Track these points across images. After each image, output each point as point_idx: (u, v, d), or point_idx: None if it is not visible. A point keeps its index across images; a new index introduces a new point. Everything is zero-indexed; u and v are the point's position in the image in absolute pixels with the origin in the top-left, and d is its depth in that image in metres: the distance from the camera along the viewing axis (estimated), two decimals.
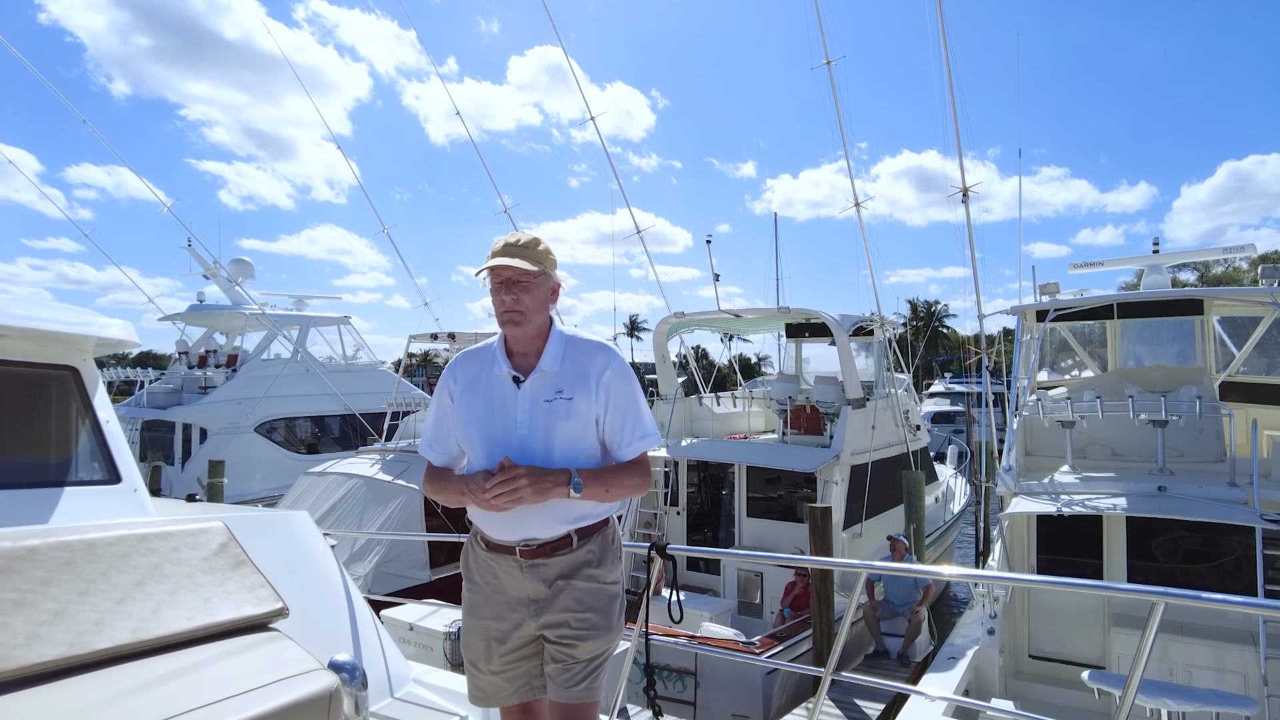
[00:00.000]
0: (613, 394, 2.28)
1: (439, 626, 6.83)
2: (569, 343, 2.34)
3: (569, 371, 2.29)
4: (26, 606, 2.22)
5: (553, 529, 2.27)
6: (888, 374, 12.28)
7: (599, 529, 2.36)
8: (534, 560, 2.27)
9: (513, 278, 2.25)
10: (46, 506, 3.14)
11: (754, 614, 9.88)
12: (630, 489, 2.32)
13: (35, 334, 3.32)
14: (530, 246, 2.30)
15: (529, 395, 2.27)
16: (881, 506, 10.87)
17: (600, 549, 2.34)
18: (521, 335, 2.31)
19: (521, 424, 2.25)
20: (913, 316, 51.67)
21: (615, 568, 2.37)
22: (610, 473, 2.29)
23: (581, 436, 2.27)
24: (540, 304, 2.30)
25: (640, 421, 2.32)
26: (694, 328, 13.08)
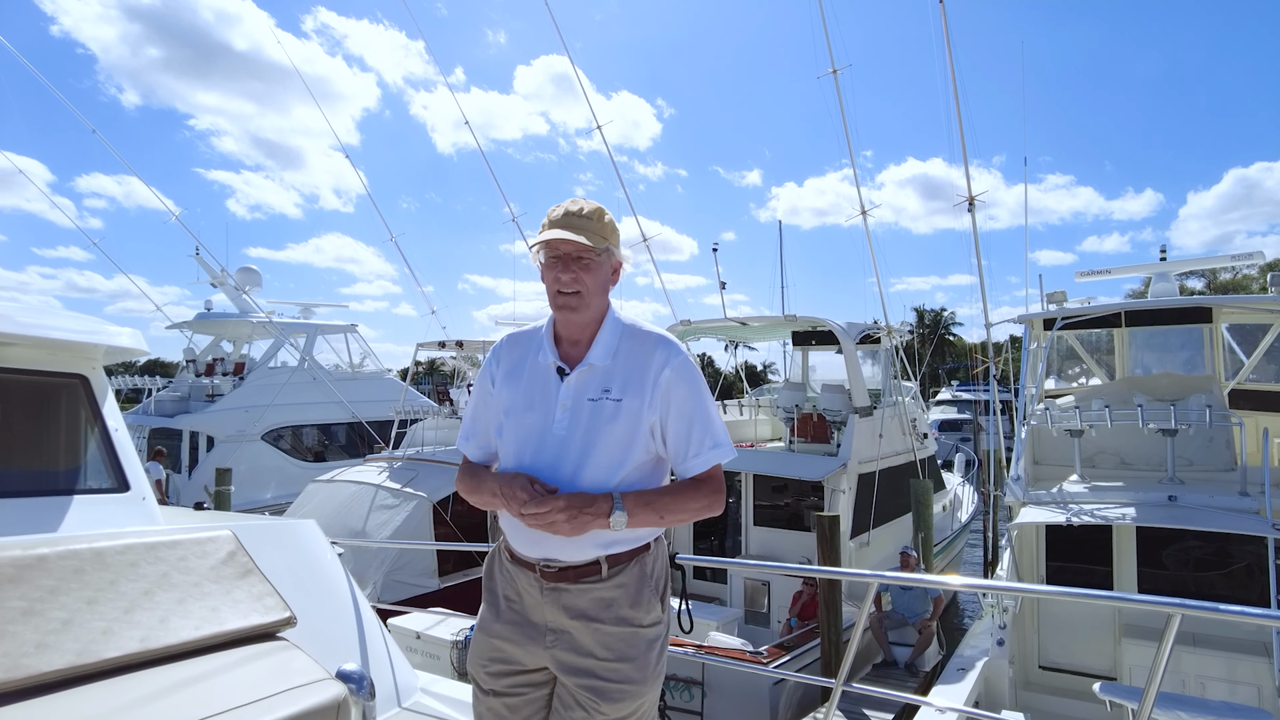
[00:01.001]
0: (674, 397, 1.94)
1: (446, 635, 6.83)
2: (625, 334, 2.00)
3: (621, 368, 1.96)
4: (35, 615, 2.22)
5: (577, 552, 1.94)
6: (895, 382, 12.25)
7: (636, 556, 1.98)
8: (555, 584, 1.96)
9: (573, 253, 1.94)
10: (55, 515, 3.15)
11: (761, 623, 9.84)
12: (696, 512, 1.96)
13: (45, 342, 3.33)
14: (594, 218, 1.98)
15: (572, 391, 1.96)
16: (889, 515, 10.82)
17: (636, 582, 1.97)
18: (577, 321, 1.99)
19: (560, 423, 1.95)
20: (919, 324, 51.58)
21: (654, 605, 1.98)
22: (669, 494, 1.94)
23: (629, 444, 1.92)
24: (601, 286, 1.99)
25: (710, 429, 1.97)
26: (701, 335, 13.08)
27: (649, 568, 2.00)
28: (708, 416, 1.97)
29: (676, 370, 1.95)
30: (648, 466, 1.99)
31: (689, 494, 1.95)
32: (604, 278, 2.00)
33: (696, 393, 1.97)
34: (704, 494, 1.96)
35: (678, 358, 1.97)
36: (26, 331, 3.22)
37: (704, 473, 1.96)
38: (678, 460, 1.98)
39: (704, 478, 1.96)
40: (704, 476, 1.96)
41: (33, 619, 2.20)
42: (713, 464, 1.97)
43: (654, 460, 2.00)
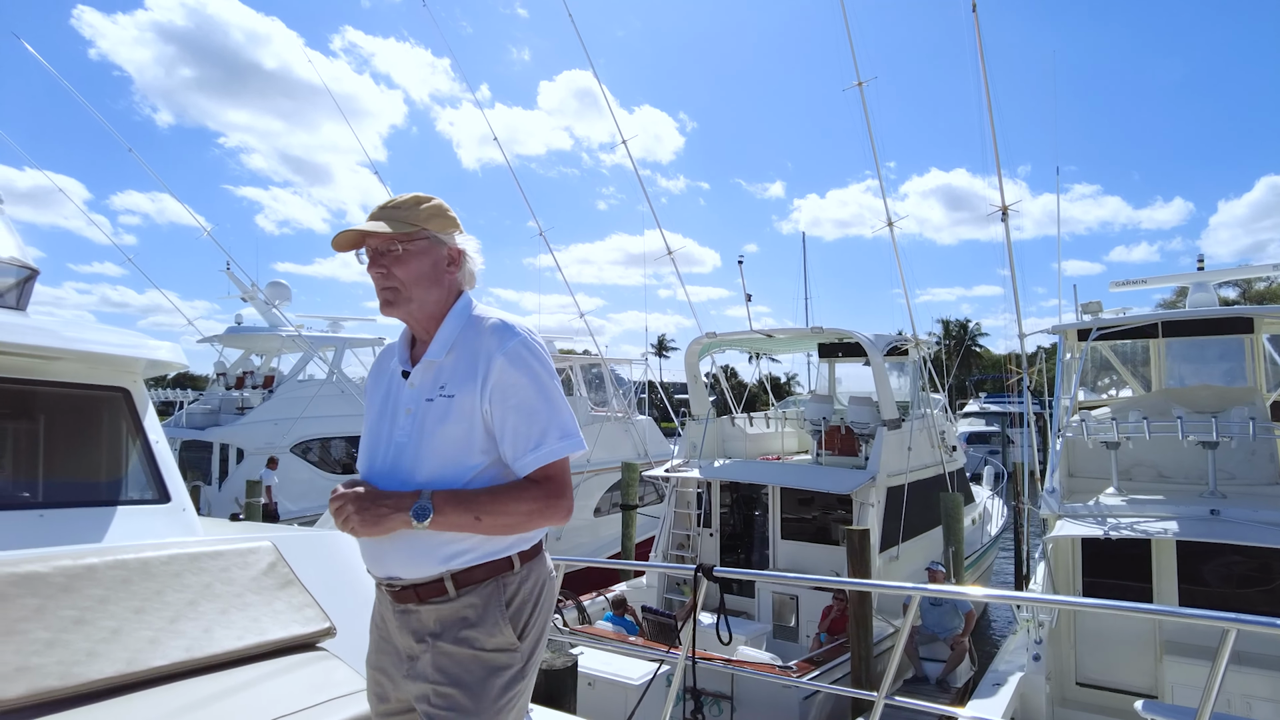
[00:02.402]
0: (502, 387, 1.71)
1: None
2: (468, 325, 1.81)
3: (458, 361, 1.77)
4: (86, 624, 2.25)
5: (416, 567, 1.73)
6: (923, 394, 12.13)
7: (489, 575, 1.75)
8: (404, 605, 1.78)
9: (378, 246, 1.80)
10: (100, 525, 3.19)
11: (789, 638, 9.75)
12: (527, 515, 1.70)
13: (88, 356, 3.39)
14: (406, 205, 1.83)
15: (415, 393, 1.79)
16: (918, 529, 10.69)
17: (484, 602, 1.73)
18: (409, 319, 1.86)
19: (401, 428, 1.79)
20: (944, 335, 51.13)
21: (503, 629, 1.73)
22: (491, 493, 1.70)
23: (466, 444, 1.73)
24: (423, 277, 1.81)
25: (551, 422, 1.73)
26: (725, 348, 13.05)
27: (509, 589, 1.76)
28: (546, 407, 1.73)
29: (509, 355, 1.72)
30: (495, 472, 1.77)
31: (517, 495, 1.70)
32: (424, 268, 1.81)
33: (533, 381, 1.73)
34: (536, 496, 1.70)
35: (511, 341, 1.74)
36: (71, 345, 3.28)
37: (539, 471, 1.72)
38: (510, 458, 1.74)
39: (539, 477, 1.72)
40: (539, 476, 1.72)
41: (84, 628, 2.23)
42: (547, 460, 1.72)
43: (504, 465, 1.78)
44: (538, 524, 1.74)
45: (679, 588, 10.65)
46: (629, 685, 6.08)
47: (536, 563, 1.83)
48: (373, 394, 1.94)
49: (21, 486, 3.42)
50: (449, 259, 1.86)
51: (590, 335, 14.09)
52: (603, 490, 15.35)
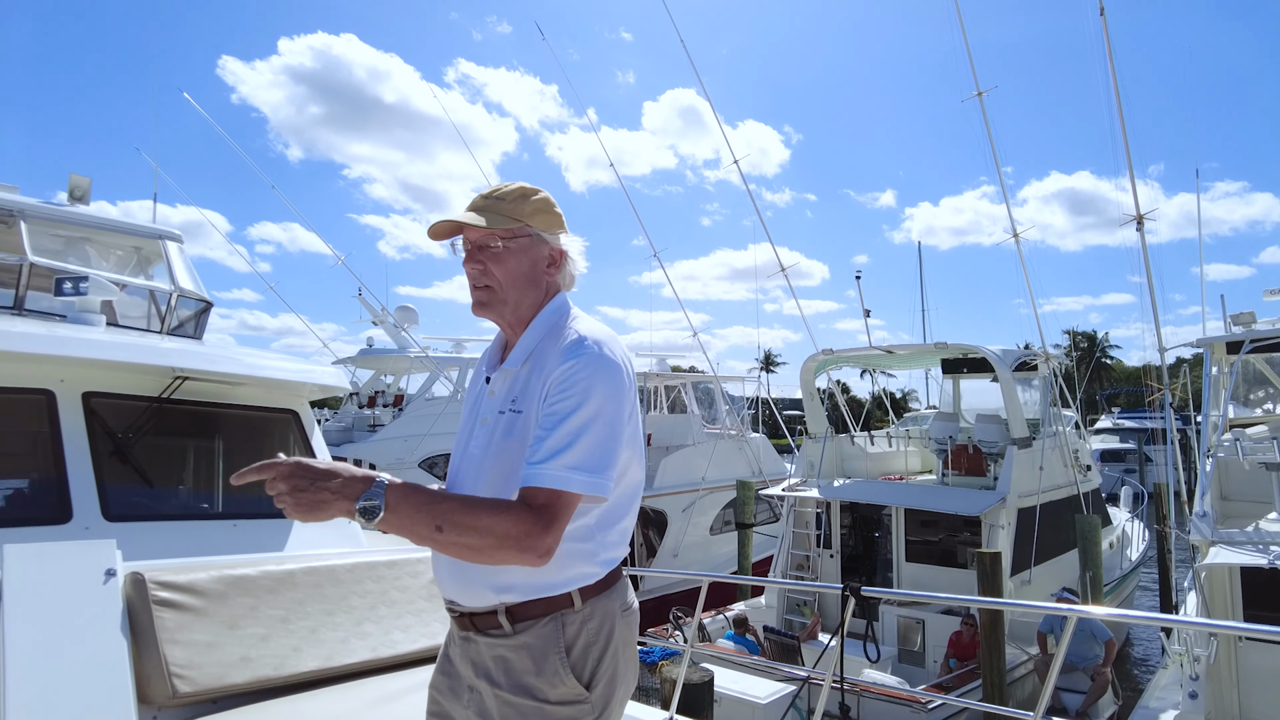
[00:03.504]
0: (549, 394, 1.51)
1: None
2: (550, 333, 1.63)
3: (531, 372, 1.60)
4: (290, 623, 2.53)
5: (470, 595, 1.57)
6: (1054, 410, 11.61)
7: (546, 612, 1.54)
8: (464, 633, 1.63)
9: (478, 240, 1.64)
10: (280, 535, 3.52)
11: (914, 663, 9.49)
12: (494, 541, 1.37)
13: (265, 381, 3.76)
14: (509, 198, 1.64)
15: (493, 404, 1.65)
16: (1051, 552, 10.21)
17: (543, 644, 1.53)
18: (501, 322, 1.69)
19: (476, 441, 1.65)
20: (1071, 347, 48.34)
21: (564, 678, 1.52)
22: (461, 504, 1.41)
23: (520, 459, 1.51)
24: (520, 277, 1.64)
25: (569, 440, 1.44)
26: (843, 365, 12.88)
27: (570, 630, 1.54)
28: (582, 427, 1.45)
29: (566, 366, 1.50)
30: None
31: (495, 512, 1.39)
32: (523, 267, 1.64)
33: (578, 395, 1.47)
34: (518, 521, 1.38)
35: (576, 356, 1.51)
36: (253, 372, 3.66)
37: (531, 492, 1.42)
38: None
39: (530, 499, 1.41)
40: (530, 498, 1.42)
41: (289, 626, 2.51)
42: (550, 484, 1.41)
43: None
44: (504, 556, 1.39)
45: (799, 609, 10.55)
46: (757, 704, 6.10)
47: (603, 599, 1.58)
48: (467, 399, 1.81)
49: (206, 499, 3.82)
50: (550, 259, 1.68)
51: (702, 351, 14.21)
52: (717, 508, 15.36)
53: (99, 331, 3.61)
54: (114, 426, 3.16)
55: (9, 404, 3.05)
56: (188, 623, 2.30)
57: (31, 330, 3.19)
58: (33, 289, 4.13)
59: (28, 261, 4.09)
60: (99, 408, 3.14)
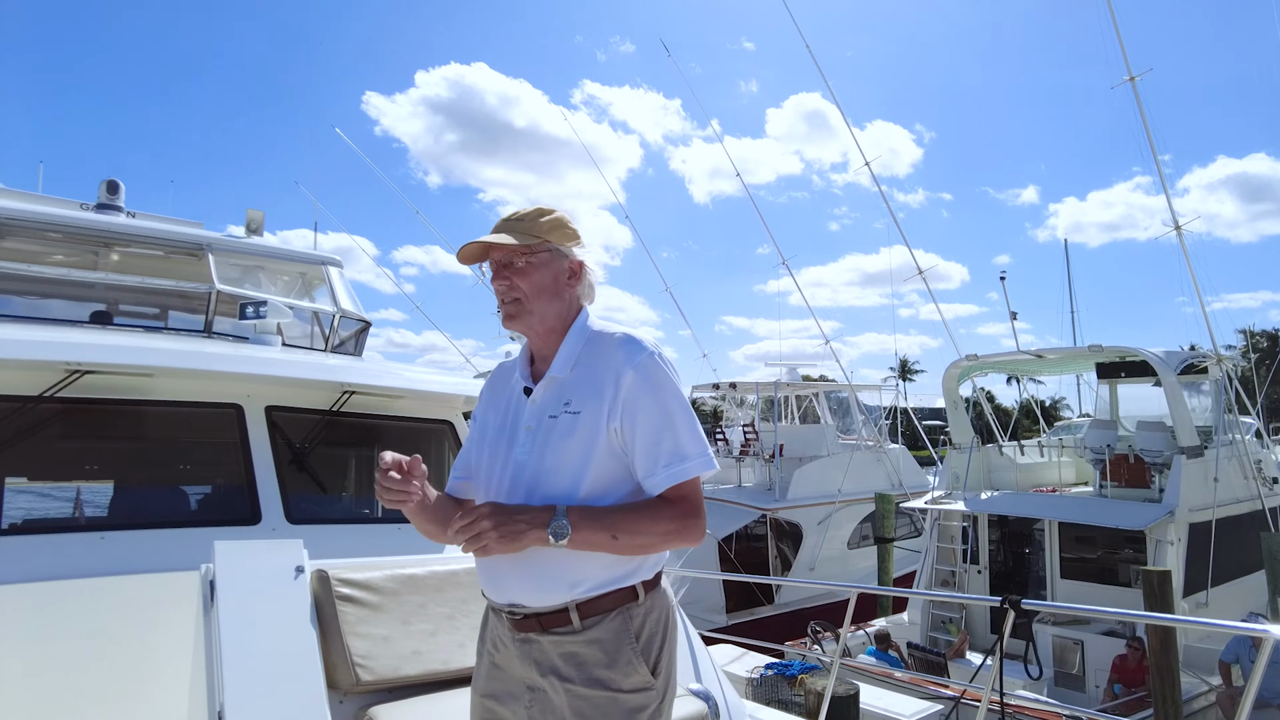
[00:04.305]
0: (637, 403, 1.64)
1: (742, 672, 6.96)
2: (591, 340, 1.76)
3: (582, 376, 1.71)
4: (455, 619, 2.66)
5: (541, 595, 1.65)
6: (1230, 417, 10.61)
7: (615, 605, 1.66)
8: (525, 634, 1.68)
9: (502, 259, 1.77)
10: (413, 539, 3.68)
11: (1073, 686, 8.88)
12: (663, 537, 1.63)
13: (424, 395, 3.99)
14: (528, 218, 1.79)
15: (537, 410, 1.74)
16: (1232, 573, 9.32)
17: (615, 637, 1.64)
18: (529, 333, 1.81)
19: (522, 446, 1.73)
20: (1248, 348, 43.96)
21: (638, 667, 1.63)
22: (625, 513, 1.62)
23: (586, 455, 1.65)
24: (544, 289, 1.76)
25: (677, 440, 1.65)
26: (987, 370, 12.28)
27: (636, 621, 1.66)
28: (678, 424, 1.66)
29: (640, 370, 1.66)
30: (622, 483, 1.69)
31: (653, 514, 1.62)
32: (547, 280, 1.77)
33: (664, 396, 1.67)
34: (671, 516, 1.63)
35: (640, 355, 1.68)
36: (412, 385, 3.89)
37: (672, 490, 1.64)
38: (641, 475, 1.67)
39: (672, 497, 1.65)
40: (672, 496, 1.65)
41: (454, 622, 2.64)
42: (681, 479, 1.64)
43: (636, 487, 1.69)
44: (673, 544, 1.66)
45: (944, 626, 10.11)
46: None
47: (659, 592, 1.74)
48: (485, 412, 1.89)
49: (370, 504, 4.08)
50: (570, 271, 1.81)
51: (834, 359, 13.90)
52: (854, 522, 14.95)
53: (277, 351, 3.95)
54: (292, 437, 3.44)
55: (204, 418, 3.40)
56: (366, 617, 2.48)
57: (222, 351, 3.54)
58: (218, 314, 4.57)
59: (215, 289, 4.52)
60: (279, 420, 3.44)
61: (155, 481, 3.57)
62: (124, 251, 4.96)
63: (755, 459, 15.37)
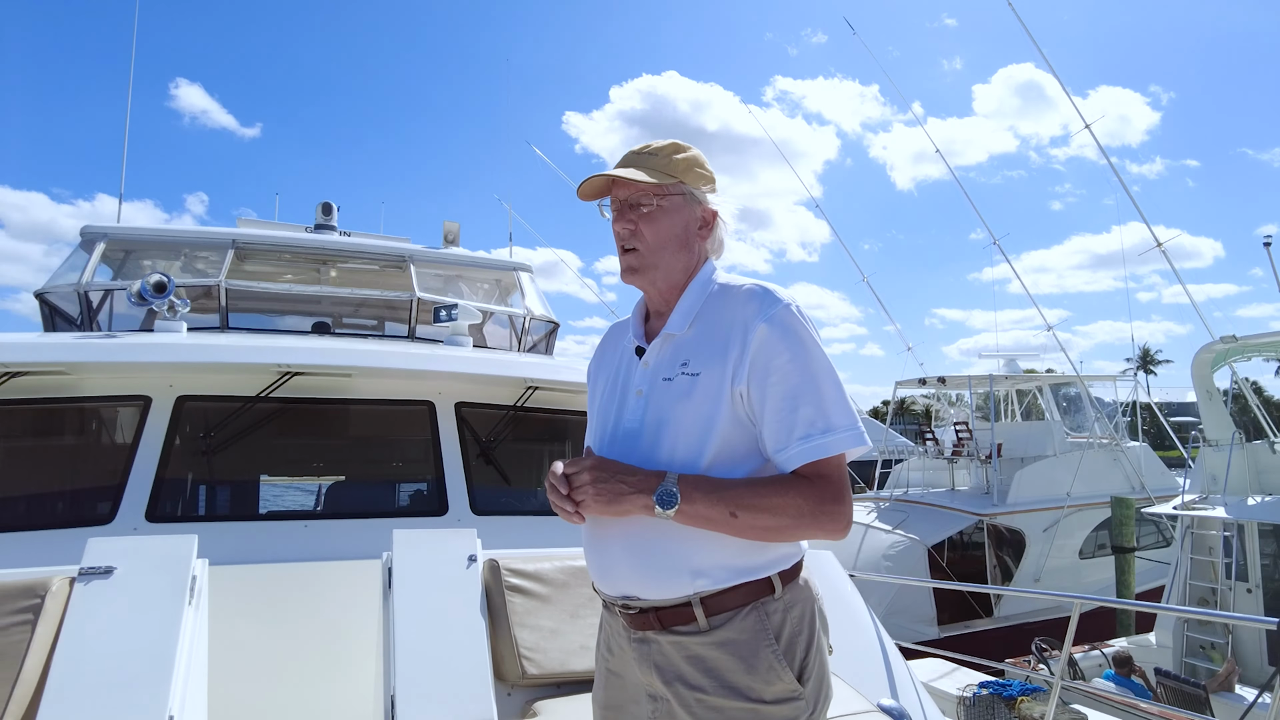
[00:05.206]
0: (764, 361, 1.40)
1: (952, 689, 6.43)
2: (714, 295, 1.53)
3: (703, 334, 1.49)
4: (579, 620, 2.55)
5: (657, 586, 1.43)
6: None
7: (748, 600, 1.41)
8: (642, 633, 1.46)
9: (628, 198, 1.55)
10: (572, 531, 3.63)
11: None
12: (795, 519, 1.36)
13: None
14: (662, 153, 1.55)
15: (650, 373, 1.53)
16: None
17: (751, 638, 1.39)
18: (649, 288, 1.58)
19: (633, 413, 1.52)
20: None
21: (781, 673, 1.38)
22: (748, 487, 1.38)
23: (708, 423, 1.42)
24: (671, 239, 1.54)
25: (820, 406, 1.39)
26: (1249, 355, 10.57)
27: (774, 619, 1.40)
28: (819, 389, 1.40)
29: (774, 323, 1.41)
30: (751, 457, 1.44)
31: (782, 491, 1.36)
32: (675, 229, 1.54)
33: (802, 355, 1.40)
34: (807, 496, 1.35)
35: (774, 309, 1.42)
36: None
37: (809, 467, 1.38)
38: (771, 448, 1.41)
39: (810, 474, 1.38)
40: (810, 474, 1.38)
41: (578, 624, 2.55)
42: (820, 455, 1.37)
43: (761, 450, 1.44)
44: (805, 533, 1.39)
45: (1203, 652, 8.78)
46: None
47: (799, 586, 1.47)
48: (596, 376, 1.71)
49: None
50: (702, 220, 1.58)
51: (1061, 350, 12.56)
52: (1088, 529, 13.44)
53: (467, 351, 4.13)
54: (479, 432, 3.56)
55: (400, 415, 3.61)
56: (534, 609, 2.47)
57: (417, 351, 3.74)
58: (420, 322, 4.89)
59: (416, 297, 4.85)
60: (468, 416, 3.57)
61: (357, 475, 3.85)
62: (341, 267, 5.45)
63: (970, 460, 14.32)
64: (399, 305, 5.07)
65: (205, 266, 5.08)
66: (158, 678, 1.89)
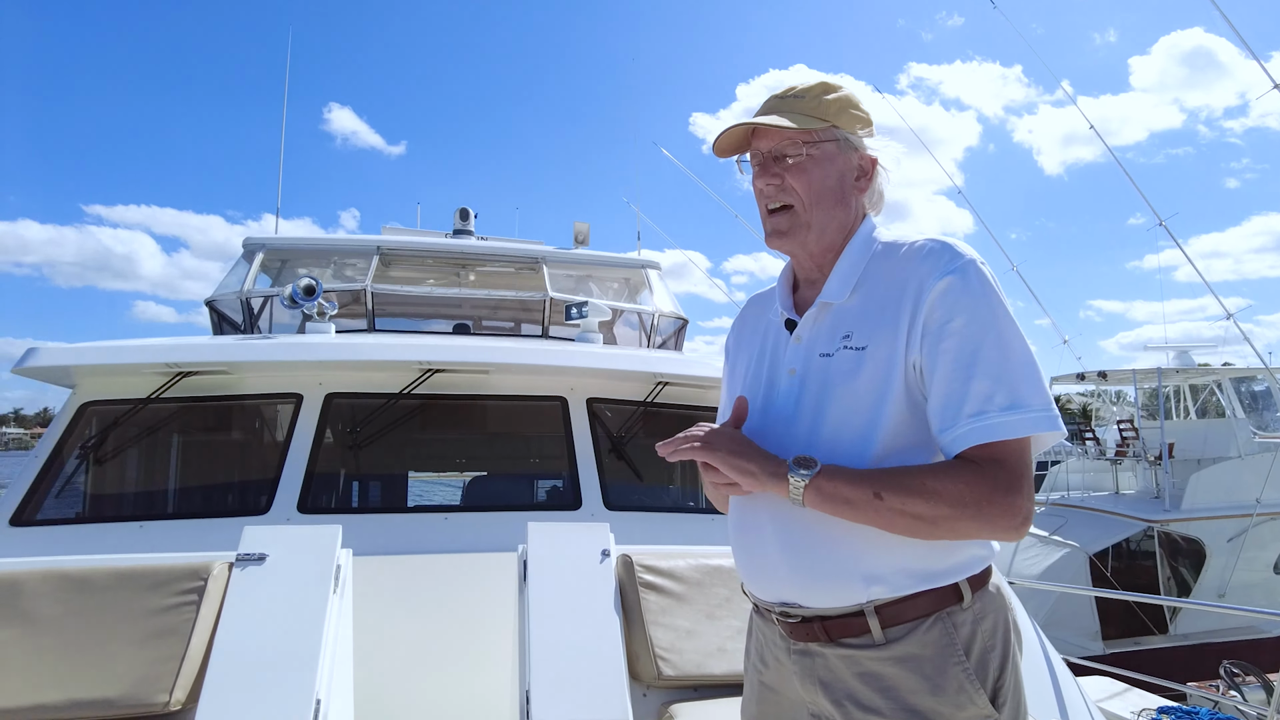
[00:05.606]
0: (938, 322, 1.20)
1: (1125, 712, 5.87)
2: (878, 255, 1.33)
3: (868, 301, 1.29)
4: (716, 621, 2.44)
5: (823, 592, 1.25)
6: None
7: (931, 610, 1.22)
8: (803, 644, 1.29)
9: (771, 149, 1.35)
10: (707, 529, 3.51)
11: None
12: (950, 511, 1.14)
13: None
14: (810, 95, 1.35)
15: (803, 348, 1.34)
16: None
17: (937, 654, 1.20)
18: (800, 252, 1.38)
19: (785, 396, 1.33)
20: None
21: (973, 694, 1.18)
22: (904, 470, 1.18)
23: (878, 402, 1.23)
24: (826, 193, 1.33)
25: (996, 378, 1.17)
26: None
27: (962, 632, 1.21)
28: (1001, 357, 1.17)
29: (956, 280, 1.20)
30: (931, 445, 1.23)
31: (941, 473, 1.15)
32: (829, 181, 1.33)
33: (985, 319, 1.18)
34: (971, 481, 1.13)
35: (956, 262, 1.22)
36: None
37: (981, 450, 1.16)
38: (939, 427, 1.20)
39: (980, 458, 1.15)
40: (980, 456, 1.16)
41: (715, 625, 2.44)
42: (997, 436, 1.15)
43: None
44: (968, 527, 1.15)
45: None
46: None
47: (991, 593, 1.26)
48: (735, 355, 1.53)
49: (689, 495, 4.08)
50: (859, 170, 1.38)
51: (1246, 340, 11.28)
52: None
53: (596, 347, 4.13)
54: (611, 427, 3.55)
55: (534, 410, 3.65)
56: (669, 607, 2.40)
57: (549, 348, 3.77)
58: (553, 322, 4.96)
59: (548, 297, 4.93)
60: (599, 411, 3.56)
61: (495, 470, 3.92)
62: (478, 270, 5.62)
63: (1136, 461, 13.14)
64: (533, 305, 5.18)
65: (353, 273, 5.36)
66: (305, 661, 1.95)
